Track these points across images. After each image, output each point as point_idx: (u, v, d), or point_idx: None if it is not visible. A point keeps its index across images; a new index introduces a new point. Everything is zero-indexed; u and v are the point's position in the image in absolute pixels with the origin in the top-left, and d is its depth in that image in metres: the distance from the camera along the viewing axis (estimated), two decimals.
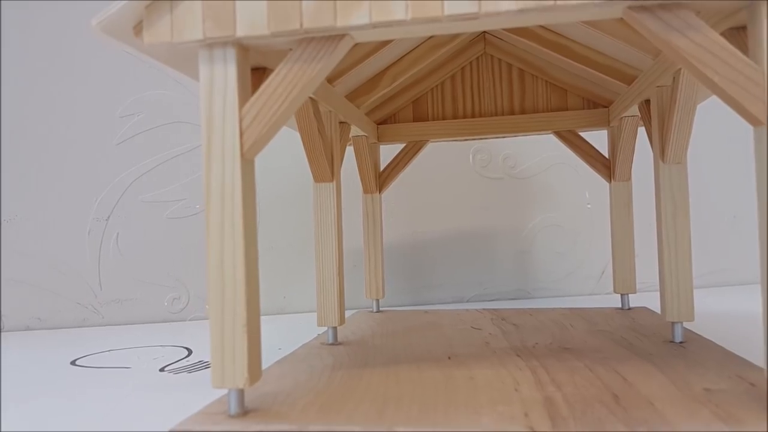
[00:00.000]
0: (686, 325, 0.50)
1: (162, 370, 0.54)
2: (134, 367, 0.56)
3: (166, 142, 0.83)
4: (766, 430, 0.29)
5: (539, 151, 0.89)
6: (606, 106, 0.68)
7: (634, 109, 0.58)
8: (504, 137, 0.73)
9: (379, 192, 0.71)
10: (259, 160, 0.80)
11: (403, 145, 0.72)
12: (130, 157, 0.83)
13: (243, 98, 0.34)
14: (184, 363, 0.57)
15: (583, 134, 0.70)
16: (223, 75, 0.34)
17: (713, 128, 0.85)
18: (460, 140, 0.73)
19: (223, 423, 0.33)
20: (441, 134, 0.71)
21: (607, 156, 0.69)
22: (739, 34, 0.34)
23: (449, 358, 0.47)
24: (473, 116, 0.71)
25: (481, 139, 0.72)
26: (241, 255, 0.34)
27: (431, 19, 0.32)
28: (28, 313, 0.82)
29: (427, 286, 0.88)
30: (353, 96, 0.61)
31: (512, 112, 0.70)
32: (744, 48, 0.33)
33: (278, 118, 0.34)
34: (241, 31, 0.33)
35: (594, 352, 0.47)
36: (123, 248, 0.82)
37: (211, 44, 0.34)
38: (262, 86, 0.34)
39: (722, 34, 0.33)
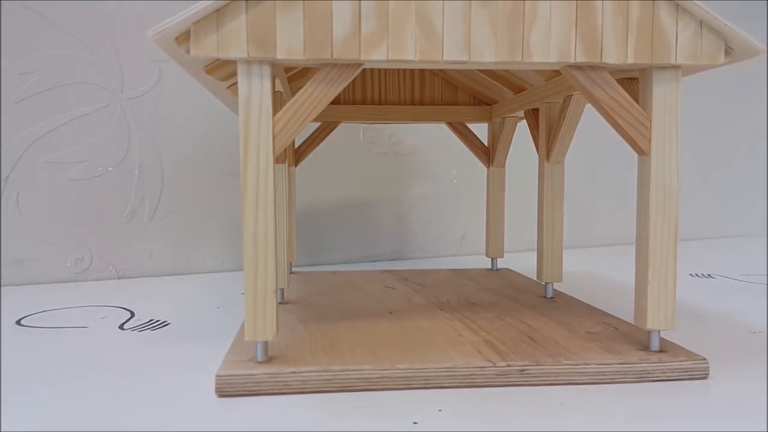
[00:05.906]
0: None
1: (122, 328, 0.59)
2: (91, 327, 0.60)
3: (69, 103, 0.83)
4: (637, 359, 0.44)
5: (418, 132, 1.01)
6: (489, 104, 0.82)
7: (518, 111, 0.73)
8: (405, 124, 0.84)
9: (295, 165, 0.79)
10: (166, 126, 0.84)
11: (319, 124, 0.81)
12: (30, 116, 0.81)
13: (275, 107, 0.42)
14: (136, 322, 0.62)
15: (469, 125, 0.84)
16: (259, 87, 0.41)
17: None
18: (369, 123, 0.83)
19: (259, 367, 0.42)
20: (351, 117, 0.80)
21: (486, 145, 0.84)
22: (630, 83, 0.48)
23: (390, 312, 0.58)
24: (380, 103, 0.81)
25: (386, 123, 0.83)
26: (272, 235, 0.42)
27: (432, 62, 0.42)
28: None
29: (319, 248, 0.98)
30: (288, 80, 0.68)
31: (412, 103, 0.82)
32: (633, 93, 0.47)
33: (302, 125, 0.42)
34: (281, 55, 0.40)
35: (493, 306, 0.61)
36: (24, 209, 0.82)
37: (249, 61, 0.41)
38: (292, 99, 0.42)
39: (619, 81, 0.47)
